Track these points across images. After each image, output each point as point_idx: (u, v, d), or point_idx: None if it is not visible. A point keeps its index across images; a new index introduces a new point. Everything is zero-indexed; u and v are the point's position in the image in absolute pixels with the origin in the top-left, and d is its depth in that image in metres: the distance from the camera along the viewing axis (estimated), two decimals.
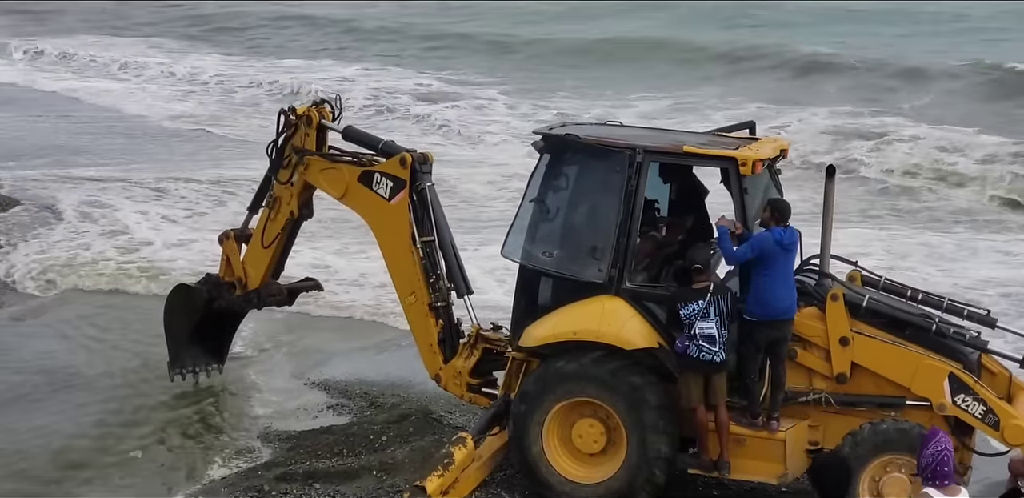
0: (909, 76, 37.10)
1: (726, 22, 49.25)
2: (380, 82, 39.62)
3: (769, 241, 11.36)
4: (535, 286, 12.34)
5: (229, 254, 14.87)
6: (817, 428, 11.72)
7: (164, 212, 23.89)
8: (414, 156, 13.39)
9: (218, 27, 53.42)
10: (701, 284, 11.41)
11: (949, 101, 34.11)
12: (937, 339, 11.58)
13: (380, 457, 13.18)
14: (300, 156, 14.02)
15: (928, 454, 7.91)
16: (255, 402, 15.20)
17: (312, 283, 15.46)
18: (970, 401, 11.27)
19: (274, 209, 14.42)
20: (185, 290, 15.37)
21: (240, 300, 14.88)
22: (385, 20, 52.57)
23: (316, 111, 14.06)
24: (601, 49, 43.58)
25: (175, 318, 15.36)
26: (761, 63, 40.14)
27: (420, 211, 13.39)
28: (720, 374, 11.47)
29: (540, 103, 35.55)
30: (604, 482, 11.82)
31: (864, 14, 49.21)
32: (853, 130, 30.48)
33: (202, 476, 13.41)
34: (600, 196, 12.11)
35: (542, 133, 12.38)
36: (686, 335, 11.36)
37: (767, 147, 12.09)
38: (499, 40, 46.77)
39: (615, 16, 50.57)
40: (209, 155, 29.66)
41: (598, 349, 11.75)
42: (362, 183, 13.62)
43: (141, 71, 42.92)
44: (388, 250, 13.64)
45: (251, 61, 44.86)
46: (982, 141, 28.42)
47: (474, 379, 13.15)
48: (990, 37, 44.22)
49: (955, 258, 20.81)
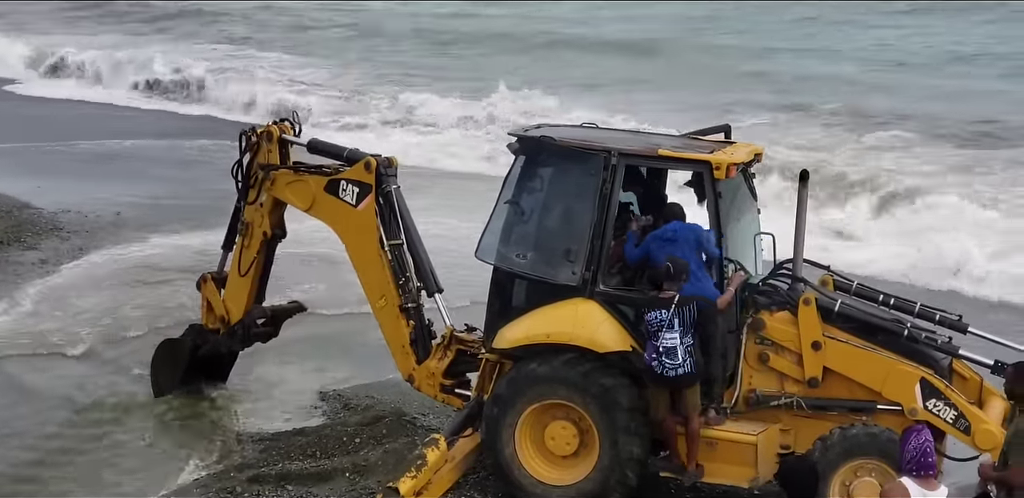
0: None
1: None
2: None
3: (648, 240, 11.80)
4: (509, 288, 12.37)
5: (209, 297, 14.73)
6: (789, 432, 11.74)
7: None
8: (378, 160, 13.47)
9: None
10: (668, 294, 11.45)
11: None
12: (909, 344, 11.64)
13: (353, 459, 13.17)
14: (266, 172, 14.04)
15: (911, 448, 7.99)
16: (228, 404, 15.15)
17: (296, 305, 15.34)
18: (941, 406, 11.33)
19: (247, 235, 14.39)
20: (168, 345, 15.15)
21: (224, 339, 14.68)
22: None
23: (276, 127, 14.16)
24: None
25: (161, 376, 15.12)
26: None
27: (387, 214, 13.43)
28: (689, 387, 11.48)
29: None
30: (576, 484, 11.85)
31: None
32: None
33: (174, 478, 13.35)
34: (574, 199, 12.14)
35: (517, 135, 12.40)
36: (652, 348, 11.40)
37: (741, 151, 12.14)
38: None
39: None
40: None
41: (571, 351, 11.77)
42: (328, 192, 13.67)
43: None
44: (356, 255, 13.66)
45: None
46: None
47: (448, 380, 13.16)
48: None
49: None
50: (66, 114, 35.18)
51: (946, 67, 39.13)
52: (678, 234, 11.66)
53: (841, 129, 31.31)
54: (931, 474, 7.99)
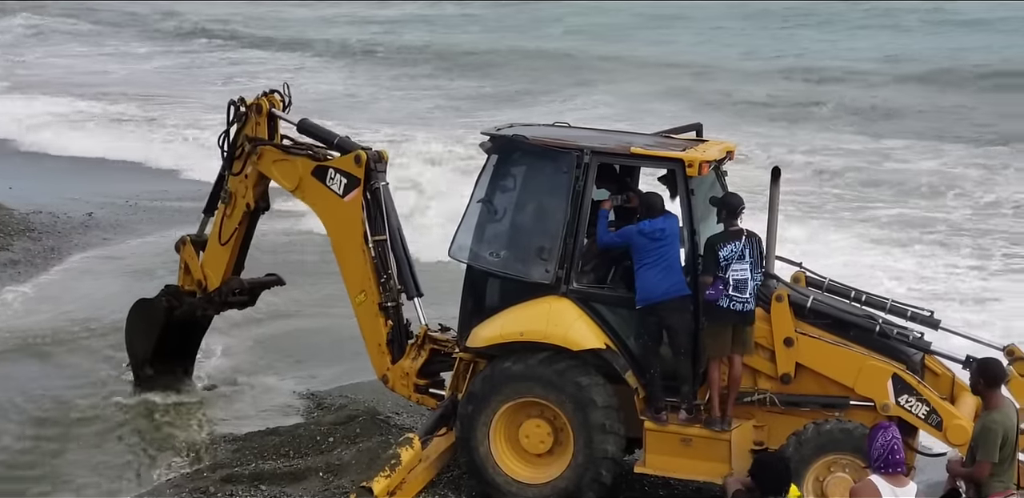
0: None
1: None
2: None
3: (632, 233, 11.67)
4: (482, 287, 12.37)
5: (187, 260, 14.68)
6: (762, 428, 11.78)
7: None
8: (369, 155, 13.32)
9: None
10: (735, 227, 11.56)
11: None
12: (881, 340, 11.68)
13: (327, 458, 13.14)
14: (253, 146, 13.93)
15: (879, 445, 8.04)
16: (201, 404, 15.12)
17: (274, 278, 15.28)
18: (913, 402, 11.37)
19: (229, 204, 14.28)
20: (144, 305, 15.09)
21: (201, 302, 14.63)
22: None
23: (266, 100, 13.99)
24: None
25: (136, 337, 15.10)
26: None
27: (373, 210, 13.34)
28: (749, 325, 11.54)
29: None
30: (551, 482, 11.85)
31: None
32: None
33: (148, 477, 13.35)
34: (547, 197, 12.14)
35: (490, 134, 12.40)
36: (718, 283, 11.42)
37: (713, 149, 12.17)
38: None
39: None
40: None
41: (545, 350, 11.78)
42: (316, 177, 13.55)
43: None
44: (340, 247, 13.58)
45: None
46: None
47: (421, 380, 13.13)
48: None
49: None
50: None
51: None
52: (666, 233, 11.66)
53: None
54: (900, 471, 8.03)
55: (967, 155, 28.66)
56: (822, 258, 18.52)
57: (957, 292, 19.14)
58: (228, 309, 14.99)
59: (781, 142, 30.29)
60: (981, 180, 26.23)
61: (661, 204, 11.84)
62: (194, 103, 35.34)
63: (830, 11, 49.93)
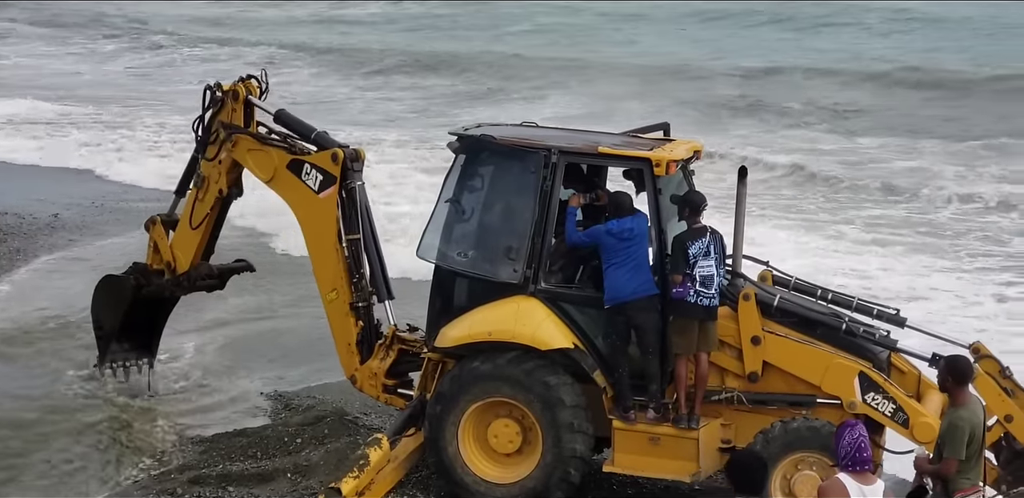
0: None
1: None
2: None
3: (601, 233, 11.68)
4: (450, 287, 12.36)
5: (156, 240, 14.60)
6: (729, 426, 11.82)
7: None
8: (346, 153, 13.22)
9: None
10: (699, 224, 11.62)
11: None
12: (847, 338, 11.74)
13: (295, 459, 13.11)
14: (228, 133, 13.83)
15: (845, 443, 8.05)
16: (168, 405, 15.04)
17: (244, 264, 15.22)
18: (880, 399, 11.43)
19: (202, 189, 14.18)
20: (112, 280, 15.05)
21: (169, 284, 14.56)
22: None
23: (243, 86, 13.88)
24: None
25: (102, 311, 15.08)
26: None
27: (348, 209, 13.27)
28: (714, 321, 11.58)
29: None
30: (520, 482, 11.85)
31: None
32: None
33: (115, 479, 13.28)
34: (515, 197, 12.15)
35: (457, 134, 12.39)
36: (685, 279, 11.46)
37: (681, 148, 12.20)
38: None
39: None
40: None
41: (513, 349, 11.78)
42: (291, 171, 13.44)
43: None
44: (313, 244, 13.51)
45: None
46: None
47: (390, 380, 13.10)
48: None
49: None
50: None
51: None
52: (635, 233, 11.68)
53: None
54: (867, 469, 8.05)
55: (941, 153, 28.98)
56: (798, 258, 18.72)
57: (923, 289, 19.30)
58: (197, 290, 14.95)
59: (756, 141, 30.48)
60: (954, 178, 26.49)
61: (630, 203, 11.85)
62: (164, 107, 35.08)
63: (792, 10, 50.23)
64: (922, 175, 26.94)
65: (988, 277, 20.02)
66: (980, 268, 20.60)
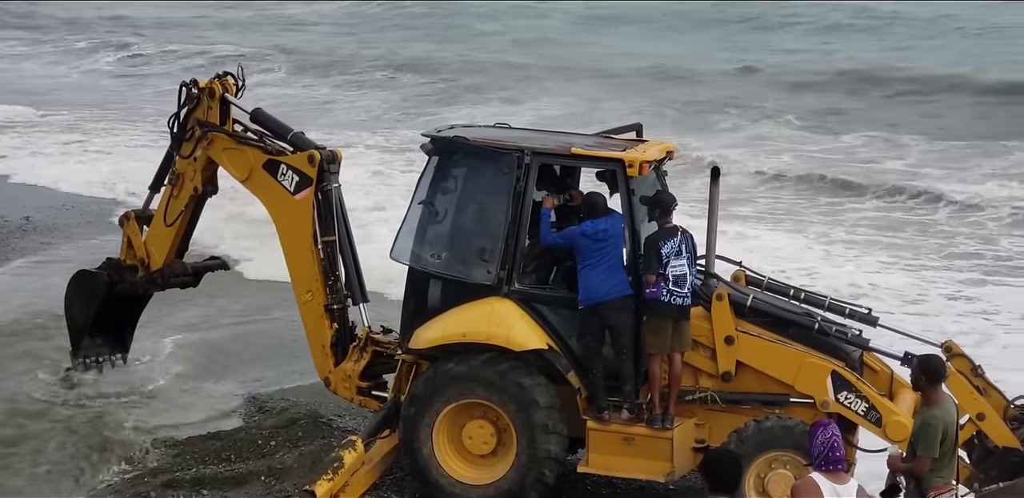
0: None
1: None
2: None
3: (575, 234, 11.69)
4: (424, 288, 12.34)
5: (130, 235, 14.57)
6: (703, 426, 11.85)
7: None
8: (323, 155, 13.18)
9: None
10: (670, 224, 11.64)
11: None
12: (820, 337, 11.78)
13: (269, 462, 13.07)
14: (204, 131, 13.77)
15: (818, 443, 8.08)
16: (141, 408, 14.97)
17: (218, 262, 15.24)
18: (853, 398, 11.47)
19: (177, 186, 14.15)
20: (85, 275, 15.01)
21: (143, 281, 14.54)
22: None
23: (219, 83, 13.82)
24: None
25: (76, 305, 15.05)
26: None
27: (324, 211, 13.24)
28: (687, 320, 11.61)
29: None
30: (494, 483, 11.86)
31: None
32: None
33: (88, 483, 13.21)
34: (488, 198, 12.15)
35: (430, 135, 12.38)
36: (659, 279, 11.47)
37: (654, 149, 12.22)
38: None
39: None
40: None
41: (487, 351, 11.78)
42: (267, 171, 13.39)
43: None
44: (288, 245, 13.47)
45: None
46: None
47: (364, 382, 13.09)
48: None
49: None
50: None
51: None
52: (609, 234, 11.69)
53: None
54: (840, 468, 8.08)
55: (926, 152, 29.14)
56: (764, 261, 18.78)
57: (894, 288, 19.43)
58: (171, 288, 14.93)
59: (733, 142, 30.59)
60: (940, 178, 26.67)
61: (604, 204, 11.87)
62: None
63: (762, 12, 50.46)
64: (904, 175, 27.16)
65: (940, 276, 20.25)
66: (931, 266, 20.81)
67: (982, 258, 21.41)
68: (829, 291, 16.08)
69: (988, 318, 18.09)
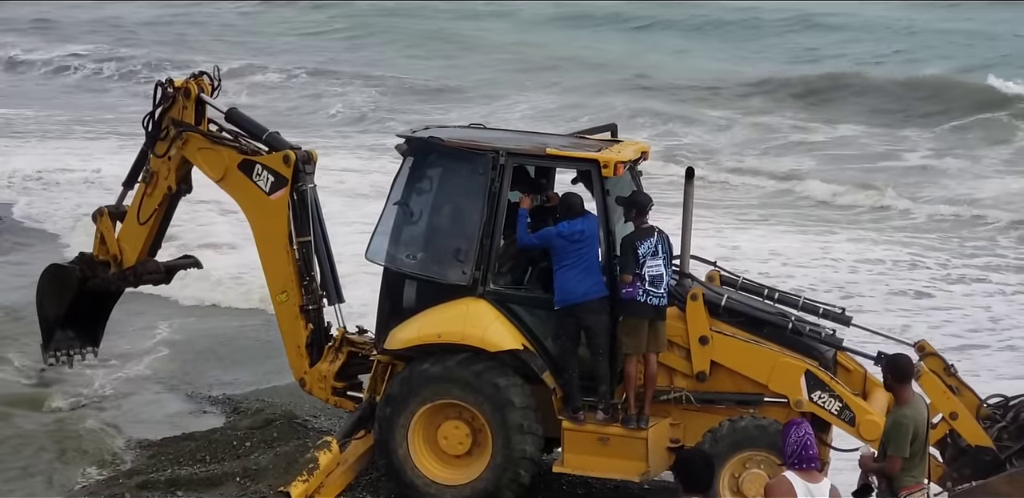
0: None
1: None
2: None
3: (551, 235, 11.70)
4: (399, 289, 12.33)
5: (103, 231, 14.52)
6: (678, 426, 11.88)
7: None
8: (298, 155, 13.15)
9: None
10: (646, 225, 11.65)
11: None
12: (793, 337, 11.83)
13: (244, 463, 13.04)
14: (179, 130, 13.74)
15: (792, 442, 8.12)
16: (115, 409, 14.94)
17: (191, 261, 15.21)
18: (826, 397, 11.52)
19: (151, 184, 14.11)
20: (57, 269, 14.99)
21: (116, 278, 14.52)
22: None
23: (195, 83, 13.79)
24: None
25: (47, 299, 15.01)
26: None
27: (299, 211, 13.21)
28: (663, 321, 11.63)
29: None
30: (470, 483, 11.86)
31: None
32: None
33: (63, 484, 13.13)
34: (463, 199, 12.15)
35: (405, 136, 12.38)
36: (635, 279, 11.49)
37: (628, 149, 12.26)
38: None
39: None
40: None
41: (463, 351, 11.79)
42: (242, 171, 13.36)
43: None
44: (263, 245, 13.45)
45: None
46: None
47: (339, 383, 13.07)
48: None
49: None
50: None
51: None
52: (586, 234, 11.71)
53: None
54: (813, 467, 8.13)
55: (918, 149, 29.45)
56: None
57: (866, 286, 19.57)
58: (143, 285, 14.92)
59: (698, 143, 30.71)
60: (929, 178, 26.90)
61: (580, 205, 11.88)
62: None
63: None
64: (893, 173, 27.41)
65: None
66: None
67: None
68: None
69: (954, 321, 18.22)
